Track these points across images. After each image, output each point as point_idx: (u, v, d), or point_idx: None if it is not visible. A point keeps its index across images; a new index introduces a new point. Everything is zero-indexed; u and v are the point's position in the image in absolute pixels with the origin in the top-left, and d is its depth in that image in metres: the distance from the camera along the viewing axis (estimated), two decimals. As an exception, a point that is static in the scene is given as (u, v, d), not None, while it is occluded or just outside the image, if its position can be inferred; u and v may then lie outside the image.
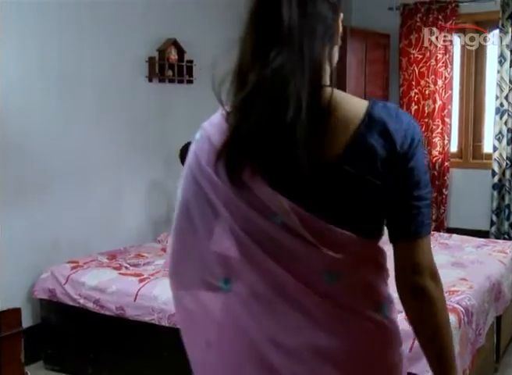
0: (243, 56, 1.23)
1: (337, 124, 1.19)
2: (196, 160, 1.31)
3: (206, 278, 1.29)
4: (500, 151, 5.97)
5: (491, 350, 3.57)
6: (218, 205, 1.25)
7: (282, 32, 1.18)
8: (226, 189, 1.22)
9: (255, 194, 1.19)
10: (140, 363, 3.43)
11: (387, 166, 1.19)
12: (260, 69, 1.16)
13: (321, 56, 1.19)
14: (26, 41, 3.63)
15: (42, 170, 3.76)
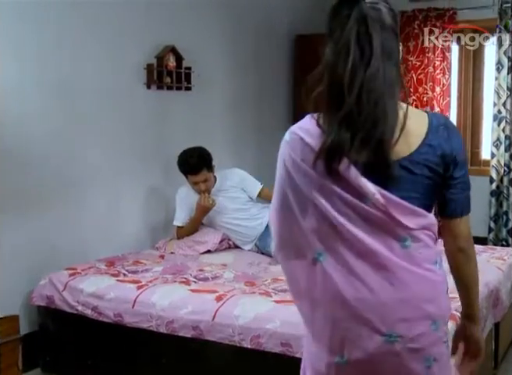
0: (336, 79, 1.58)
1: (409, 130, 1.59)
2: (290, 158, 1.68)
3: (305, 252, 1.65)
4: (498, 157, 5.98)
5: (489, 357, 3.57)
6: (311, 193, 1.61)
7: (370, 61, 1.54)
8: (322, 180, 1.59)
9: (350, 182, 1.57)
10: (138, 370, 3.42)
11: (443, 160, 1.67)
12: (356, 93, 1.53)
13: (395, 80, 1.59)
14: (24, 49, 3.63)
15: (40, 177, 3.76)
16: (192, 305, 3.22)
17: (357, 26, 1.55)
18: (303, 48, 5.99)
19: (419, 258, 1.64)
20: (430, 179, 1.65)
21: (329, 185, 1.59)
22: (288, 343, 2.92)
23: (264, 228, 4.32)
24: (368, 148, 1.54)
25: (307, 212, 1.64)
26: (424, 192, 1.66)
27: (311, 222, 1.63)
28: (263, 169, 5.57)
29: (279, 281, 3.54)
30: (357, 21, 1.55)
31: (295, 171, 1.67)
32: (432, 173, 1.65)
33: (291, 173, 1.68)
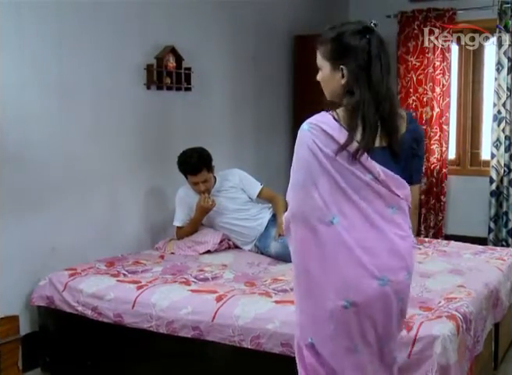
0: (362, 91, 2.06)
1: (400, 122, 2.15)
2: (314, 144, 2.04)
3: (321, 217, 2.04)
4: (498, 158, 5.99)
5: (489, 357, 3.57)
6: (331, 170, 2.03)
7: (375, 79, 2.08)
8: (342, 162, 2.04)
9: (363, 164, 2.05)
10: (138, 370, 3.42)
11: (416, 144, 2.21)
12: (370, 98, 2.06)
13: (392, 89, 2.17)
14: (24, 50, 3.63)
15: (40, 178, 3.76)
16: (192, 306, 3.22)
17: (377, 48, 2.10)
18: (302, 49, 5.99)
19: (401, 223, 2.12)
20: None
21: (347, 166, 2.05)
22: (288, 343, 2.92)
23: (264, 228, 4.32)
24: (386, 146, 2.11)
25: (326, 185, 2.04)
26: (408, 165, 2.19)
27: (329, 193, 2.04)
28: (262, 170, 5.58)
29: (279, 281, 3.54)
30: (377, 43, 2.11)
31: (319, 154, 2.04)
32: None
33: (316, 155, 2.04)
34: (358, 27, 2.12)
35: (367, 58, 2.07)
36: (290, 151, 6.51)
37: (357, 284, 2.04)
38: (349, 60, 2.08)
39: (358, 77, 2.07)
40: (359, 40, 2.08)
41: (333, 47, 2.12)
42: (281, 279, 3.61)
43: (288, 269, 3.84)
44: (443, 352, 2.69)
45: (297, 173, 2.08)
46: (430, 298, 3.16)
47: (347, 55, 2.08)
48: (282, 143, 6.07)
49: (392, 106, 2.10)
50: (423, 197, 6.41)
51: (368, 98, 2.05)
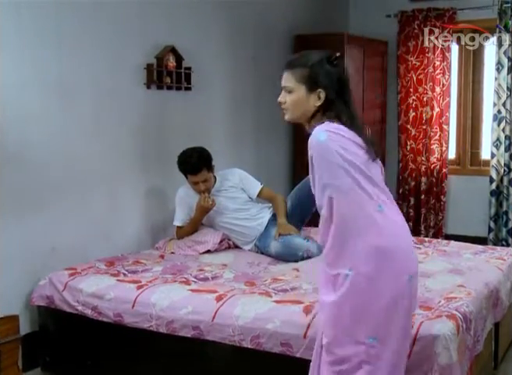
0: (341, 107, 2.40)
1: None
2: (341, 148, 2.25)
3: (374, 207, 2.27)
4: (498, 157, 5.99)
5: (489, 357, 3.57)
6: (361, 167, 2.27)
7: (348, 100, 2.45)
8: (365, 159, 2.31)
9: (375, 162, 2.37)
10: (138, 370, 3.42)
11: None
12: (354, 113, 2.45)
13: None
14: (24, 50, 3.63)
15: (41, 178, 3.76)
16: (192, 305, 3.22)
17: (346, 74, 2.47)
18: (301, 48, 5.92)
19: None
20: None
21: (369, 163, 2.33)
22: (288, 343, 2.93)
23: (264, 228, 4.32)
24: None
25: (364, 180, 2.27)
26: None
27: (369, 186, 2.27)
28: (262, 169, 5.58)
29: (279, 281, 3.54)
30: (345, 70, 2.48)
31: (348, 155, 2.25)
32: None
33: (346, 157, 2.24)
34: (328, 55, 2.39)
35: (339, 83, 2.39)
36: (290, 151, 6.55)
37: (412, 256, 2.37)
38: (325, 84, 2.36)
39: (335, 99, 2.36)
40: (332, 66, 2.38)
41: (311, 72, 2.36)
42: (281, 279, 3.61)
43: (288, 268, 3.86)
44: (443, 352, 2.69)
45: (338, 179, 2.24)
46: (430, 298, 3.16)
47: (324, 79, 2.35)
48: (282, 143, 6.08)
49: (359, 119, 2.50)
50: (423, 197, 6.42)
51: (347, 112, 2.39)
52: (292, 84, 2.40)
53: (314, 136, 2.28)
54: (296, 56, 2.47)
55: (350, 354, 2.27)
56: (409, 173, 6.50)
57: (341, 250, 2.26)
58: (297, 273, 3.75)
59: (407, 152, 6.49)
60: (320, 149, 2.27)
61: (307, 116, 2.43)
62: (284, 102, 2.46)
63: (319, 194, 2.30)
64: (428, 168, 6.39)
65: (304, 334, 2.89)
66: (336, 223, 2.25)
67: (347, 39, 5.80)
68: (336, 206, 2.24)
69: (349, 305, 2.24)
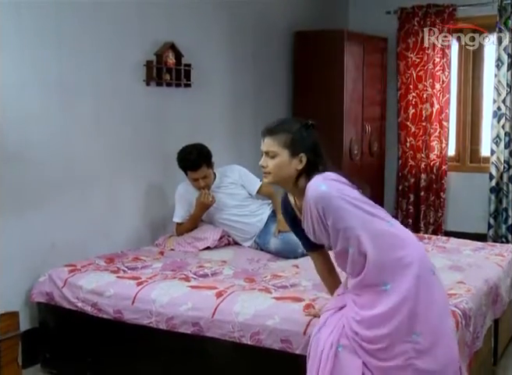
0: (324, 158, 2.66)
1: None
2: (339, 189, 2.49)
3: (386, 224, 2.52)
4: (498, 154, 5.99)
5: (488, 353, 3.58)
6: (359, 197, 2.54)
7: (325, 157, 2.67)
8: (357, 192, 2.56)
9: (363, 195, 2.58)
10: (138, 367, 3.42)
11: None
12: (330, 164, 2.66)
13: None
14: (24, 48, 3.62)
15: (40, 174, 3.76)
16: (192, 302, 3.22)
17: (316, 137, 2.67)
18: (301, 45, 5.99)
19: None
20: None
21: (359, 193, 2.58)
22: (288, 339, 2.93)
23: (263, 225, 4.32)
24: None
25: (368, 207, 2.53)
26: None
27: (374, 209, 2.54)
28: (262, 166, 5.57)
29: (279, 277, 3.54)
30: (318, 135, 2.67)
31: (347, 193, 2.49)
32: None
33: (347, 195, 2.48)
34: (305, 123, 2.62)
35: (315, 146, 2.61)
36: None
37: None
38: (306, 148, 2.57)
39: (315, 160, 2.59)
40: (311, 133, 2.62)
41: (293, 138, 2.57)
42: (281, 275, 3.61)
43: (288, 265, 3.86)
44: (443, 348, 2.69)
45: (351, 219, 2.46)
46: (430, 294, 3.16)
47: (304, 144, 2.57)
48: (282, 139, 6.07)
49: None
50: (422, 193, 6.42)
51: (327, 165, 2.62)
52: (275, 149, 2.57)
53: (314, 190, 2.47)
54: (276, 124, 2.65)
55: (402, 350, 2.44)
56: (408, 170, 6.50)
57: (382, 270, 2.46)
58: (297, 269, 3.76)
59: (407, 149, 6.49)
60: (324, 200, 2.46)
61: (288, 180, 2.61)
62: (266, 166, 2.61)
63: (334, 239, 2.50)
64: (427, 165, 6.39)
65: (304, 331, 2.89)
66: (370, 252, 2.44)
67: (347, 36, 5.80)
68: (363, 240, 2.44)
69: (407, 308, 2.42)
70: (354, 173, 6.04)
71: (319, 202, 2.46)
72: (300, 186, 2.59)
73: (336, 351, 2.50)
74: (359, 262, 2.48)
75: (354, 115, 6.03)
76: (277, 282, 3.45)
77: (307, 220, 2.57)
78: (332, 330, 2.55)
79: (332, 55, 5.82)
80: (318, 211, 2.47)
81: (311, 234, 2.61)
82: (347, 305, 2.59)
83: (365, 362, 2.49)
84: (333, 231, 2.49)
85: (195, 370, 3.25)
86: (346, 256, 2.51)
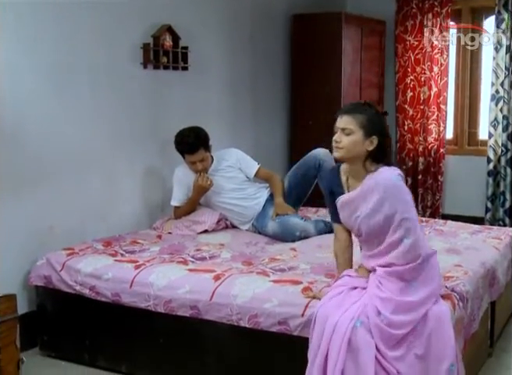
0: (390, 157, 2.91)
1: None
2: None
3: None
4: (495, 137, 5.98)
5: (485, 335, 3.60)
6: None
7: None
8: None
9: None
10: (136, 349, 3.44)
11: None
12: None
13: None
14: (19, 29, 3.60)
15: (37, 158, 3.75)
16: (190, 285, 3.23)
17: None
18: (300, 28, 5.96)
19: None
20: None
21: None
22: (285, 322, 2.94)
23: (261, 208, 4.32)
24: None
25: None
26: None
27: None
28: (260, 149, 5.57)
29: (277, 261, 3.55)
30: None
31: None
32: None
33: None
34: (381, 110, 2.97)
35: (385, 134, 2.77)
36: (288, 131, 6.52)
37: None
38: (378, 132, 2.73)
39: (383, 146, 2.75)
40: (383, 120, 2.82)
41: (369, 120, 2.72)
42: (278, 258, 3.61)
43: (286, 248, 3.86)
44: (440, 330, 2.71)
45: (412, 212, 2.70)
46: (427, 277, 3.17)
47: (378, 128, 2.73)
48: (280, 122, 6.06)
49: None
50: (420, 177, 6.42)
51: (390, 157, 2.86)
52: (352, 127, 2.72)
53: (389, 179, 2.68)
54: (355, 105, 2.85)
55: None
56: (406, 153, 6.49)
57: (425, 264, 2.71)
58: (295, 252, 3.76)
59: (405, 132, 6.48)
60: (396, 189, 2.68)
61: (357, 158, 2.75)
62: (340, 142, 2.76)
63: (394, 227, 2.66)
64: (425, 148, 6.38)
65: (302, 313, 2.90)
66: (424, 250, 2.70)
67: (345, 18, 5.77)
68: (421, 237, 2.71)
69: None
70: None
71: (389, 191, 2.66)
72: (367, 168, 2.77)
73: (354, 327, 2.57)
74: (410, 253, 2.66)
75: (352, 98, 5.99)
76: (275, 265, 3.46)
77: (364, 201, 2.72)
78: (351, 307, 2.64)
79: (330, 37, 5.79)
80: (382, 197, 2.66)
81: (359, 215, 2.75)
82: (373, 287, 2.68)
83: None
84: (395, 221, 2.65)
85: (193, 353, 3.27)
86: (395, 246, 2.67)
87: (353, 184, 2.82)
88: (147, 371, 3.41)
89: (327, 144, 4.95)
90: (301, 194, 4.42)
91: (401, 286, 2.67)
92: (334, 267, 3.38)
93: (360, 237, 2.83)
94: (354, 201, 2.78)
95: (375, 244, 2.77)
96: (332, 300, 2.72)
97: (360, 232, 2.81)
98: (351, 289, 2.76)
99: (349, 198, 2.81)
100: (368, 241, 2.81)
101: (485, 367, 3.55)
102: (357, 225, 2.79)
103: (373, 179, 2.72)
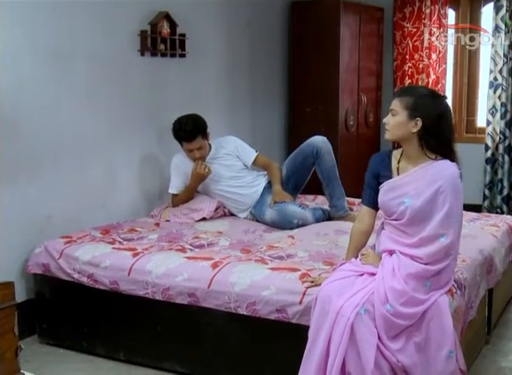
0: (440, 144, 2.83)
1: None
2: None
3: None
4: (494, 125, 5.98)
5: (482, 322, 3.61)
6: None
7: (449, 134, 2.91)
8: None
9: None
10: (135, 337, 3.44)
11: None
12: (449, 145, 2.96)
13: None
14: (17, 16, 3.59)
15: (34, 146, 3.74)
16: (188, 273, 3.23)
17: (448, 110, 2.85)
18: (298, 14, 5.93)
19: None
20: None
21: None
22: (283, 309, 2.94)
23: (259, 196, 4.32)
24: None
25: None
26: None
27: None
28: (257, 136, 5.57)
29: (275, 248, 3.55)
30: (447, 108, 2.85)
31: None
32: None
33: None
34: (434, 92, 2.84)
35: (439, 116, 2.70)
36: (286, 118, 6.52)
37: None
38: (424, 115, 2.68)
39: (431, 129, 2.69)
40: (438, 102, 2.73)
41: (414, 102, 2.69)
42: (276, 246, 3.62)
43: (284, 236, 3.87)
44: (437, 318, 2.71)
45: (460, 215, 2.87)
46: (425, 265, 3.17)
47: (424, 110, 2.69)
48: (278, 109, 6.05)
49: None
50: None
51: (442, 144, 2.81)
52: (397, 108, 2.73)
53: (452, 174, 2.80)
54: (407, 87, 3.08)
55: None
56: (404, 141, 6.48)
57: (448, 269, 2.77)
58: (293, 240, 3.76)
59: (403, 120, 6.46)
60: (457, 188, 2.81)
61: (406, 139, 2.76)
62: (387, 123, 2.77)
63: (436, 222, 2.69)
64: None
65: (300, 301, 2.90)
66: (455, 254, 2.80)
67: (343, 5, 5.74)
68: (452, 232, 2.74)
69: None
70: (350, 143, 6.04)
71: (450, 187, 2.75)
72: (426, 154, 2.76)
73: (358, 314, 2.57)
74: (441, 253, 2.70)
75: (350, 85, 6.00)
76: (273, 253, 3.46)
77: (418, 185, 2.73)
78: (357, 293, 2.63)
79: (328, 25, 5.77)
80: (441, 190, 2.71)
81: (407, 200, 2.73)
82: (389, 273, 2.68)
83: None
84: (442, 216, 2.70)
85: (191, 341, 3.27)
86: (431, 242, 2.69)
87: (406, 166, 2.80)
88: (146, 358, 3.42)
89: (325, 131, 5.00)
90: (299, 182, 4.42)
91: (417, 281, 2.67)
92: (332, 255, 3.39)
93: (400, 220, 2.77)
94: (406, 185, 2.75)
95: (411, 232, 2.74)
96: (334, 282, 2.71)
97: (401, 217, 2.75)
98: (358, 276, 2.76)
99: (401, 181, 2.77)
100: (407, 226, 2.75)
101: (482, 354, 3.57)
102: (400, 210, 2.74)
103: (436, 168, 2.74)
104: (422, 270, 2.67)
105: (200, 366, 3.27)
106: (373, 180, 2.90)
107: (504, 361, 3.51)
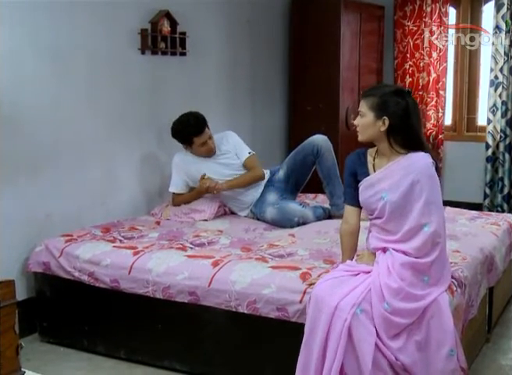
0: (410, 137, 2.84)
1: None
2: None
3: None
4: (494, 123, 5.97)
5: (483, 321, 3.61)
6: None
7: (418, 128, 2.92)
8: None
9: None
10: (135, 335, 3.45)
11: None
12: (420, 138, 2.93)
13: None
14: (18, 13, 3.58)
15: (34, 144, 3.74)
16: (188, 271, 3.23)
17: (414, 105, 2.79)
18: (298, 13, 5.93)
19: None
20: None
21: None
22: (283, 308, 2.95)
23: (259, 194, 4.32)
24: None
25: None
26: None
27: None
28: (258, 135, 5.57)
29: (275, 247, 3.55)
30: (413, 104, 2.79)
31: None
32: None
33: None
34: (398, 89, 2.80)
35: (405, 112, 2.73)
36: (286, 115, 6.51)
37: None
38: (391, 113, 2.72)
39: (399, 125, 2.73)
40: (402, 99, 2.74)
41: (380, 102, 2.73)
42: (277, 244, 3.62)
43: (284, 234, 3.87)
44: (438, 316, 2.71)
45: (440, 201, 2.79)
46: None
47: (391, 109, 2.72)
48: (278, 108, 6.05)
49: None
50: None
51: (412, 137, 2.81)
52: (364, 110, 2.78)
53: (422, 164, 2.77)
54: (371, 87, 2.96)
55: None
56: (405, 139, 6.47)
57: (440, 261, 2.75)
58: (293, 238, 3.76)
59: (403, 118, 6.45)
60: (431, 176, 2.78)
61: (377, 139, 2.81)
62: (357, 125, 2.83)
63: (417, 212, 2.69)
64: (424, 134, 6.37)
65: (300, 299, 2.90)
66: (443, 243, 2.77)
67: (344, 3, 5.73)
68: (435, 220, 2.70)
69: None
70: (351, 142, 6.03)
71: (424, 177, 2.73)
72: (397, 150, 2.79)
73: (355, 314, 2.56)
74: (429, 244, 2.69)
75: (351, 84, 5.99)
76: (273, 251, 3.46)
77: (393, 180, 2.75)
78: (353, 292, 2.63)
79: (329, 23, 5.76)
80: (415, 181, 2.71)
81: (385, 195, 2.75)
82: (384, 271, 2.68)
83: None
84: (421, 206, 2.68)
85: (191, 339, 3.27)
86: (415, 233, 2.69)
87: (381, 163, 2.83)
88: (146, 357, 3.42)
89: (325, 130, 4.99)
90: (300, 181, 4.41)
91: (413, 277, 2.68)
92: (332, 253, 3.39)
93: (380, 219, 2.79)
94: (382, 180, 2.77)
95: (394, 228, 2.75)
96: (328, 281, 2.72)
97: (382, 214, 2.76)
98: (353, 275, 2.75)
99: (376, 177, 2.79)
100: (388, 224, 2.76)
101: (482, 352, 3.57)
102: (379, 206, 2.76)
103: (407, 161, 2.75)
104: (414, 263, 2.68)
105: (201, 364, 3.27)
106: (351, 178, 2.92)
107: (504, 359, 3.51)
